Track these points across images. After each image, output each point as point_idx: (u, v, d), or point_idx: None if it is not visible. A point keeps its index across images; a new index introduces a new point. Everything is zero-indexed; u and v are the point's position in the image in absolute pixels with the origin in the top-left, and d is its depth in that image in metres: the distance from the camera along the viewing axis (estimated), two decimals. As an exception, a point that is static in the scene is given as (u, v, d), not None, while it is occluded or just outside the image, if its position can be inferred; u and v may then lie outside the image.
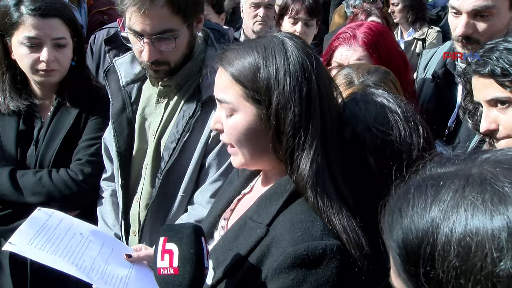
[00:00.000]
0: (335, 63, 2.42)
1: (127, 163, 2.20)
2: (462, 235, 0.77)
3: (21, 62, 2.35)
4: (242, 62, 1.38)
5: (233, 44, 1.50)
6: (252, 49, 1.39)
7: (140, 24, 1.93)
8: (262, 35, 1.48)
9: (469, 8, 2.28)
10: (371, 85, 1.91)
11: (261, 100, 1.36)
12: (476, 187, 0.79)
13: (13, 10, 2.29)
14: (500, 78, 1.65)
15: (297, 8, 3.52)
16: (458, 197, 0.80)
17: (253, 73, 1.36)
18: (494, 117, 1.71)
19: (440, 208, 0.80)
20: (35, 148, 2.39)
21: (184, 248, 1.29)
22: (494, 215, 0.76)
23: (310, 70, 1.36)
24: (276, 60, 1.35)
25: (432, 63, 2.76)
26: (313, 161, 1.33)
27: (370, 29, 2.42)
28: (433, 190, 0.83)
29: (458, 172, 0.84)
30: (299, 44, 1.40)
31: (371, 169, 1.44)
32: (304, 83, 1.34)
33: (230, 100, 1.40)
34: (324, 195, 1.32)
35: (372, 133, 1.46)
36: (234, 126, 1.41)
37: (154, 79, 2.16)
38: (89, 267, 1.54)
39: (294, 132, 1.34)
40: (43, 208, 1.72)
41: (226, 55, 1.43)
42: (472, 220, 0.77)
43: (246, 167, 1.55)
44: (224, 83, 1.42)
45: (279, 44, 1.38)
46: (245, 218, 1.46)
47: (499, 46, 1.68)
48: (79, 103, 2.43)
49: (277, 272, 1.28)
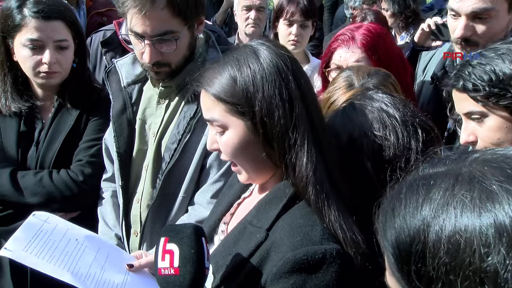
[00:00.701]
0: (333, 65, 2.43)
1: (127, 164, 2.20)
2: (452, 232, 0.78)
3: (23, 64, 2.35)
4: (219, 80, 1.40)
5: (209, 64, 1.51)
6: (226, 64, 1.41)
7: (141, 25, 1.94)
8: (234, 47, 1.50)
9: (468, 10, 2.29)
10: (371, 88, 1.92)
11: (244, 111, 1.37)
12: (465, 186, 0.81)
13: (16, 12, 2.30)
14: (472, 93, 1.67)
15: (292, 10, 3.53)
16: (448, 195, 0.81)
17: (231, 86, 1.37)
18: (472, 129, 1.73)
19: (431, 206, 0.82)
20: (35, 149, 2.39)
21: (184, 248, 1.30)
22: (482, 212, 0.78)
23: (286, 71, 1.37)
24: (250, 68, 1.37)
25: (431, 65, 2.77)
26: (308, 159, 1.34)
27: (369, 31, 2.42)
28: (424, 190, 0.84)
29: (448, 172, 0.86)
30: (271, 48, 1.42)
31: (369, 174, 1.45)
32: (282, 85, 1.36)
33: (218, 118, 1.42)
34: (323, 193, 1.33)
35: (369, 138, 1.46)
36: (227, 143, 1.43)
37: (155, 80, 2.17)
38: (84, 274, 1.53)
39: (282, 135, 1.35)
40: (38, 213, 1.71)
41: (204, 76, 1.45)
42: (461, 217, 0.78)
43: (253, 182, 1.56)
44: (208, 104, 1.44)
45: (251, 53, 1.40)
46: (245, 223, 1.46)
47: (473, 61, 1.70)
48: (80, 105, 2.44)
49: (276, 277, 1.29)
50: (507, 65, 1.63)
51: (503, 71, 1.63)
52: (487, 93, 1.64)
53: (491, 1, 2.27)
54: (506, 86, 1.62)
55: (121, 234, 2.23)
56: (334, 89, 1.98)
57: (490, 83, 1.63)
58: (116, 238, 2.22)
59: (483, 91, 1.64)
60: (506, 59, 1.64)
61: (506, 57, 1.65)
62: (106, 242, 1.81)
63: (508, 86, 1.62)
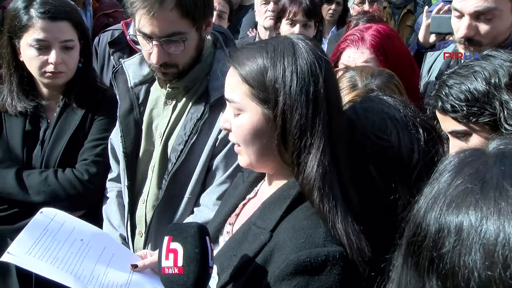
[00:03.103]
0: (342, 65, 2.43)
1: (133, 164, 2.20)
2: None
3: (29, 64, 2.36)
4: (251, 63, 1.39)
5: (246, 44, 1.51)
6: (262, 50, 1.40)
7: (149, 26, 1.94)
8: (275, 36, 1.50)
9: (471, 9, 2.29)
10: (374, 89, 1.92)
11: (267, 99, 1.36)
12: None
13: (23, 13, 2.31)
14: (452, 114, 1.68)
15: (294, 10, 3.53)
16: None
17: (261, 73, 1.37)
18: (460, 146, 1.73)
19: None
20: (41, 148, 2.40)
21: (188, 248, 1.29)
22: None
23: (318, 73, 1.36)
24: (284, 61, 1.36)
25: (436, 65, 2.77)
26: (319, 163, 1.33)
27: (378, 32, 2.43)
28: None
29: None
30: (310, 46, 1.41)
31: (371, 176, 1.45)
32: (311, 85, 1.35)
33: (238, 100, 1.41)
34: (330, 199, 1.32)
35: (371, 140, 1.46)
36: (240, 126, 1.42)
37: (163, 81, 2.17)
38: (88, 276, 1.53)
39: (300, 133, 1.34)
40: (46, 210, 1.70)
41: (237, 55, 1.44)
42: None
43: (251, 168, 1.55)
44: (233, 82, 1.43)
45: (289, 46, 1.39)
46: (249, 224, 1.46)
47: (448, 81, 1.71)
48: (85, 104, 2.45)
49: (279, 279, 1.28)
50: (480, 83, 1.64)
51: (477, 89, 1.64)
52: (466, 113, 1.65)
53: (494, 1, 2.26)
54: (483, 104, 1.63)
55: (125, 234, 2.23)
56: None
57: (468, 102, 1.64)
58: (121, 238, 2.22)
59: (461, 111, 1.65)
60: (478, 77, 1.65)
61: (478, 75, 1.66)
62: (112, 240, 1.81)
63: (485, 103, 1.63)
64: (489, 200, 0.80)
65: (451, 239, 0.81)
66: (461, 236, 0.80)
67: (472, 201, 0.81)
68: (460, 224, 0.81)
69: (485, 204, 0.80)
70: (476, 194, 0.82)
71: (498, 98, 1.62)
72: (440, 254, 0.82)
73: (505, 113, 1.60)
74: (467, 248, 0.79)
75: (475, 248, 0.78)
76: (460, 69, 1.73)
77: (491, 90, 1.63)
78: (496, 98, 1.62)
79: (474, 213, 0.80)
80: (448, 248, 0.81)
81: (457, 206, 0.83)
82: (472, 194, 0.82)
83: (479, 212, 0.80)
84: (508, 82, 1.63)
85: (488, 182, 0.82)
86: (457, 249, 0.80)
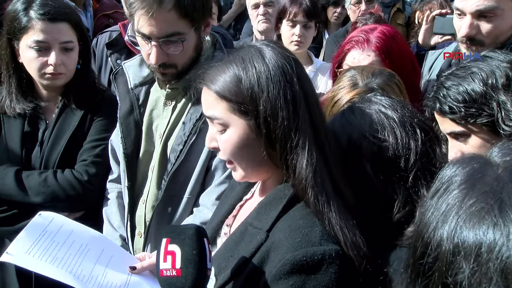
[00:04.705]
0: (346, 65, 2.42)
1: (133, 165, 2.21)
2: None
3: (29, 65, 2.37)
4: (223, 78, 1.39)
5: (212, 61, 1.51)
6: (231, 63, 1.40)
7: (148, 27, 1.94)
8: (239, 46, 1.50)
9: (472, 9, 2.29)
10: (375, 88, 1.91)
11: (248, 111, 1.37)
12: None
13: (22, 15, 2.31)
14: (450, 115, 1.68)
15: (295, 11, 3.53)
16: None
17: (236, 85, 1.37)
18: (458, 147, 1.73)
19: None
20: (40, 149, 2.41)
21: (186, 249, 1.29)
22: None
23: (291, 73, 1.38)
24: (256, 68, 1.37)
25: (437, 64, 2.77)
26: (308, 162, 1.34)
27: (383, 34, 2.43)
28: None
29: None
30: (276, 49, 1.42)
31: (368, 176, 1.45)
32: (287, 86, 1.36)
33: (219, 115, 1.41)
34: (323, 195, 1.33)
35: (368, 140, 1.47)
36: (227, 141, 1.43)
37: (162, 82, 2.18)
38: (87, 276, 1.54)
39: (285, 136, 1.35)
40: (44, 213, 1.71)
41: (208, 74, 1.44)
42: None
43: (248, 180, 1.56)
44: (210, 102, 1.43)
45: (256, 53, 1.40)
46: (246, 225, 1.47)
47: (446, 83, 1.71)
48: (84, 105, 2.45)
49: (276, 278, 1.29)
50: (477, 84, 1.64)
51: (475, 90, 1.64)
52: (464, 114, 1.65)
53: (496, 0, 2.26)
54: (480, 106, 1.63)
55: (125, 235, 2.23)
56: (338, 88, 1.99)
57: (465, 104, 1.64)
58: (121, 239, 2.22)
59: (459, 113, 1.65)
60: (475, 78, 1.65)
61: (475, 76, 1.66)
62: (111, 242, 1.82)
63: (482, 104, 1.63)
64: (509, 221, 0.76)
65: (469, 263, 0.77)
66: (480, 261, 0.76)
67: (490, 221, 0.78)
68: (478, 246, 0.77)
69: (506, 225, 0.76)
70: (494, 215, 0.78)
71: (495, 99, 1.62)
72: (456, 281, 0.78)
73: (502, 114, 1.60)
74: (487, 275, 0.74)
75: (497, 274, 0.74)
76: (457, 70, 1.73)
77: (488, 91, 1.63)
78: (494, 99, 1.62)
79: (493, 235, 0.77)
80: (465, 274, 0.77)
81: (473, 227, 0.79)
82: (489, 214, 0.79)
83: (499, 233, 0.76)
84: (505, 83, 1.63)
85: (506, 202, 0.79)
86: (477, 276, 0.76)
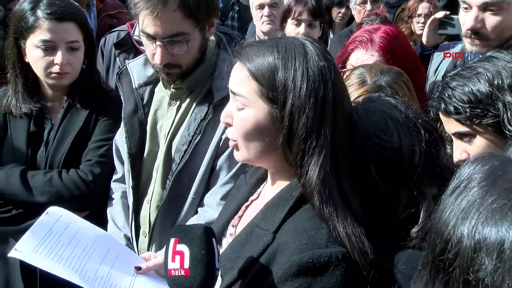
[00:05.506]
0: (350, 66, 2.42)
1: (138, 165, 2.21)
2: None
3: (35, 65, 2.37)
4: (261, 60, 1.37)
5: (254, 41, 1.49)
6: (273, 48, 1.38)
7: (152, 27, 1.95)
8: (284, 36, 1.48)
9: (479, 1, 2.28)
10: (383, 85, 1.91)
11: (276, 99, 1.35)
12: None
13: (29, 14, 2.32)
14: (455, 116, 1.68)
15: (299, 10, 3.53)
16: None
17: (271, 72, 1.36)
18: (463, 148, 1.73)
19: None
20: (45, 149, 2.41)
21: (195, 249, 1.29)
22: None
23: (328, 77, 1.36)
24: (295, 62, 1.35)
25: (443, 66, 2.77)
26: (321, 167, 1.32)
27: (387, 34, 2.43)
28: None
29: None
30: (319, 49, 1.40)
31: (372, 177, 1.44)
32: (320, 89, 1.34)
33: (244, 94, 1.39)
34: (330, 202, 1.32)
35: (372, 141, 1.46)
36: (244, 119, 1.40)
37: (167, 82, 2.18)
38: (92, 277, 1.55)
39: (306, 136, 1.33)
40: (52, 210, 1.72)
41: (246, 51, 1.42)
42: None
43: (248, 163, 1.54)
44: (240, 78, 1.41)
45: (299, 47, 1.38)
46: (252, 226, 1.46)
47: (451, 83, 1.71)
48: (89, 105, 2.46)
49: (282, 280, 1.28)
50: (483, 85, 1.63)
51: (481, 91, 1.63)
52: (469, 114, 1.64)
53: None
54: (486, 106, 1.63)
55: (130, 234, 2.23)
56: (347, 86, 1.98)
57: (471, 104, 1.64)
58: (125, 239, 2.22)
59: (464, 113, 1.65)
60: (481, 79, 1.65)
61: (481, 76, 1.65)
62: (116, 241, 1.82)
63: (488, 105, 1.63)
64: None
65: (491, 260, 0.76)
66: (503, 257, 0.75)
67: None
68: (501, 242, 0.76)
69: None
70: None
71: (501, 100, 1.62)
72: (477, 277, 0.77)
73: (508, 114, 1.60)
74: (511, 271, 0.73)
75: None
76: (463, 70, 1.72)
77: (494, 91, 1.62)
78: (499, 99, 1.62)
79: None
80: (488, 271, 0.76)
81: (495, 224, 0.78)
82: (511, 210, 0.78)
83: None
84: (511, 84, 1.63)
85: None
86: (499, 272, 0.75)
